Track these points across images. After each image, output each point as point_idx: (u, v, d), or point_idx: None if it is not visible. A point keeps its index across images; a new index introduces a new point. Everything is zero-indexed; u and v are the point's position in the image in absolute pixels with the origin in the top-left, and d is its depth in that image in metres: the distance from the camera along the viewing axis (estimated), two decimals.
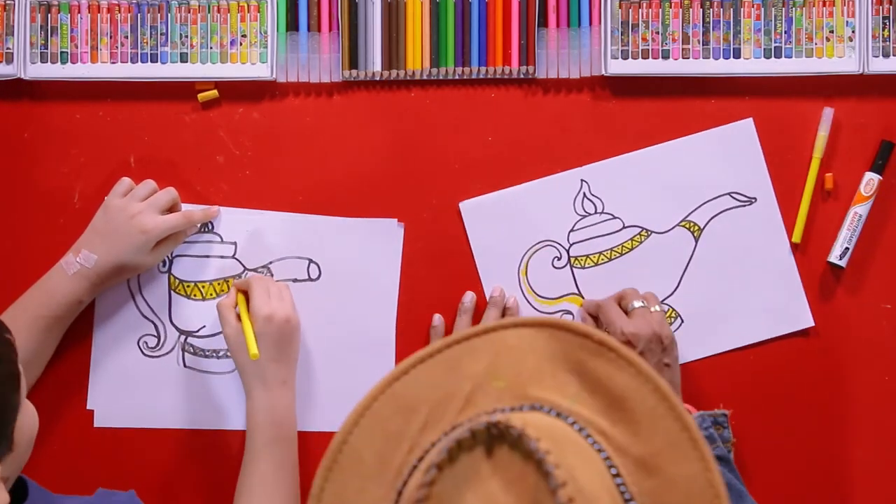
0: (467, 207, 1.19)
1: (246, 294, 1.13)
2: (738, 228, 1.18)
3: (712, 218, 1.19)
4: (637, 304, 1.11)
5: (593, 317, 1.15)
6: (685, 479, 0.69)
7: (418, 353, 0.76)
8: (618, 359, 0.73)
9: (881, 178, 1.17)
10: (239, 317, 1.11)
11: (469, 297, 1.17)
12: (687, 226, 1.19)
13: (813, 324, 1.18)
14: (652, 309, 1.11)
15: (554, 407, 0.73)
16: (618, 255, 1.19)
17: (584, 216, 1.19)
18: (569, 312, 1.19)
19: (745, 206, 1.19)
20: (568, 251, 1.19)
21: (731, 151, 1.19)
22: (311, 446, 1.16)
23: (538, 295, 1.19)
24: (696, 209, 1.19)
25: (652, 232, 1.19)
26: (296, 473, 1.10)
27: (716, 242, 1.18)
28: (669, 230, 1.19)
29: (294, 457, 1.11)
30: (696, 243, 1.19)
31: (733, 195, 1.19)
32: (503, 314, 1.17)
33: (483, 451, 0.67)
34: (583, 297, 1.19)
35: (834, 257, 1.17)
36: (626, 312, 1.11)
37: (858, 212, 1.17)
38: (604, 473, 0.69)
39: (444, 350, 0.76)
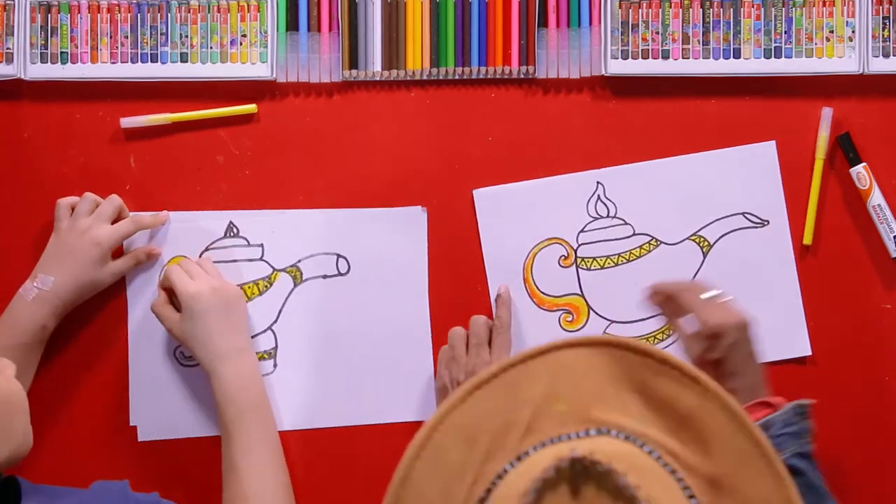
0: (481, 195, 1.19)
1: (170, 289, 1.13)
2: (747, 249, 1.18)
3: (723, 235, 1.19)
4: (710, 293, 1.04)
5: (663, 304, 1.09)
6: (761, 498, 0.68)
7: (473, 378, 0.73)
8: (682, 377, 0.71)
9: (865, 164, 1.18)
10: (176, 308, 1.12)
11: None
12: (697, 240, 1.19)
13: (810, 353, 1.18)
14: (722, 300, 1.05)
15: (620, 429, 0.70)
16: (625, 261, 1.19)
17: (596, 218, 1.19)
18: (569, 312, 1.18)
19: (757, 227, 1.19)
20: (576, 251, 1.19)
21: (750, 171, 1.19)
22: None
23: (540, 291, 1.18)
24: (707, 225, 1.19)
25: (661, 242, 1.19)
26: (275, 440, 1.10)
27: (724, 260, 1.18)
28: (679, 242, 1.19)
29: (270, 424, 1.10)
30: (704, 259, 1.19)
31: (747, 215, 1.19)
32: (496, 301, 1.17)
33: (568, 489, 0.65)
34: (585, 299, 1.19)
35: (893, 251, 1.18)
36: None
37: (875, 203, 1.18)
38: (681, 497, 0.67)
39: (500, 374, 0.73)
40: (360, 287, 1.19)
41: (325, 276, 1.19)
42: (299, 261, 1.19)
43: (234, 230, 1.19)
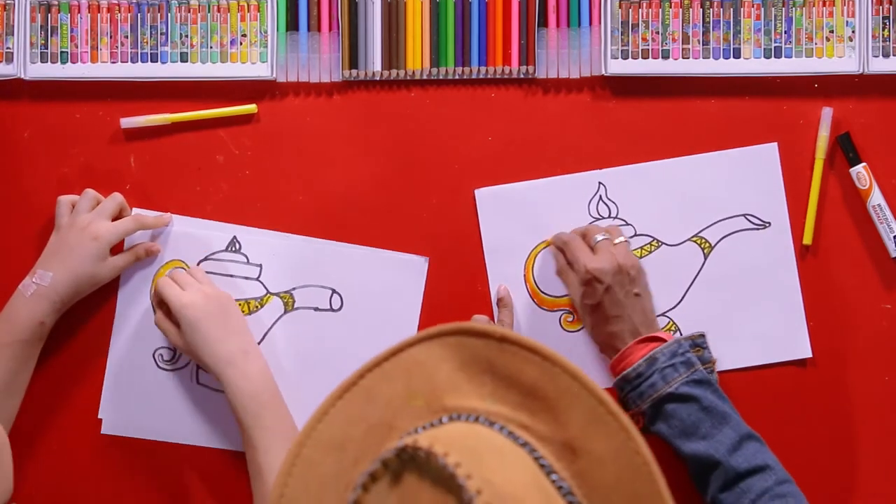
0: (482, 195, 1.19)
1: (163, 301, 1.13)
2: (748, 251, 1.18)
3: (724, 237, 1.18)
4: (600, 237, 1.12)
5: (562, 251, 1.15)
6: (610, 453, 0.70)
7: (334, 390, 0.75)
8: (521, 350, 0.73)
9: (865, 164, 1.18)
10: (177, 323, 1.11)
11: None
12: (698, 241, 1.19)
13: (811, 355, 1.18)
14: (615, 241, 1.11)
15: (472, 412, 0.72)
16: None
17: (598, 219, 1.19)
18: (569, 312, 1.18)
19: (758, 229, 1.19)
20: None
21: (752, 173, 1.18)
22: None
23: (541, 291, 1.18)
24: (709, 226, 1.19)
25: (663, 243, 1.19)
26: (295, 435, 1.09)
27: (724, 262, 1.18)
28: (680, 243, 1.19)
29: (286, 418, 1.10)
30: (705, 260, 1.19)
31: (748, 217, 1.19)
32: (498, 304, 1.17)
33: (389, 480, 0.67)
34: None
35: (893, 251, 1.18)
36: (591, 248, 1.12)
37: (875, 203, 1.18)
38: (530, 467, 0.69)
39: (358, 381, 0.76)
40: (349, 327, 1.18)
41: (316, 309, 1.19)
42: (294, 288, 1.19)
43: (237, 245, 1.19)
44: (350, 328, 1.18)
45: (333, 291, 1.19)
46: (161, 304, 1.14)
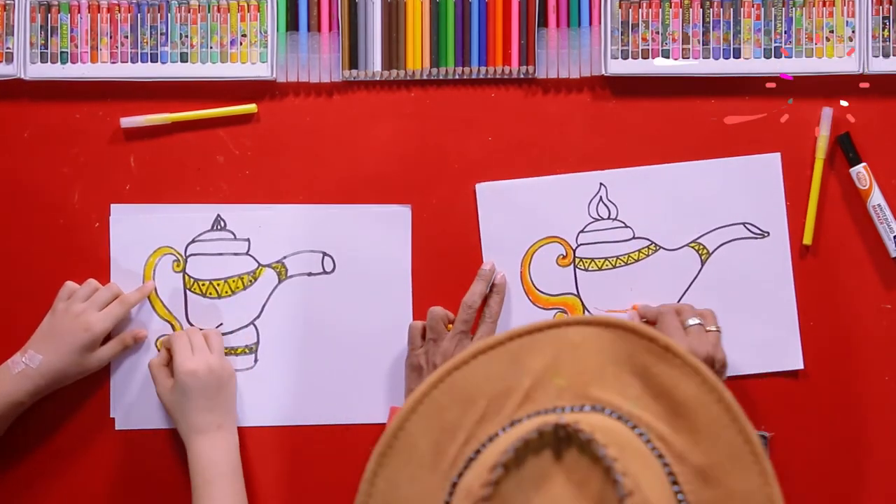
0: (483, 189, 1.19)
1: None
2: (745, 259, 1.18)
3: (722, 244, 1.18)
4: (694, 321, 1.09)
5: (649, 323, 1.13)
6: (744, 492, 0.69)
7: (479, 343, 0.75)
8: (683, 366, 0.73)
9: (865, 164, 1.18)
10: (171, 374, 1.13)
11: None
12: (696, 247, 1.19)
13: (802, 367, 1.18)
14: (708, 328, 1.09)
15: (615, 409, 0.72)
16: (623, 263, 1.19)
17: (597, 220, 1.19)
18: (564, 311, 1.18)
19: (756, 238, 1.18)
20: (574, 251, 1.19)
21: (753, 182, 1.18)
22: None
23: (536, 289, 1.19)
24: (707, 233, 1.19)
25: (660, 247, 1.19)
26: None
27: (721, 269, 1.18)
28: (678, 248, 1.19)
29: (238, 492, 1.11)
30: (702, 266, 1.18)
31: (747, 226, 1.19)
32: (490, 289, 1.16)
33: (551, 453, 0.67)
34: (581, 300, 1.19)
35: (893, 251, 1.18)
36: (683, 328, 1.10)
37: (875, 203, 1.17)
38: (664, 481, 0.69)
39: (506, 342, 0.75)
40: (345, 286, 1.19)
41: (309, 274, 1.19)
42: (285, 257, 1.19)
43: (222, 223, 1.19)
44: (346, 289, 1.19)
45: (324, 254, 1.19)
46: (168, 349, 1.15)
